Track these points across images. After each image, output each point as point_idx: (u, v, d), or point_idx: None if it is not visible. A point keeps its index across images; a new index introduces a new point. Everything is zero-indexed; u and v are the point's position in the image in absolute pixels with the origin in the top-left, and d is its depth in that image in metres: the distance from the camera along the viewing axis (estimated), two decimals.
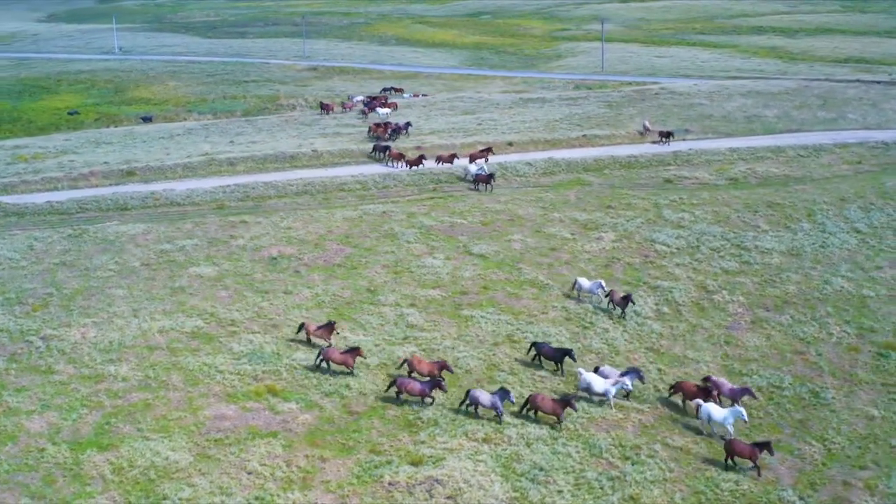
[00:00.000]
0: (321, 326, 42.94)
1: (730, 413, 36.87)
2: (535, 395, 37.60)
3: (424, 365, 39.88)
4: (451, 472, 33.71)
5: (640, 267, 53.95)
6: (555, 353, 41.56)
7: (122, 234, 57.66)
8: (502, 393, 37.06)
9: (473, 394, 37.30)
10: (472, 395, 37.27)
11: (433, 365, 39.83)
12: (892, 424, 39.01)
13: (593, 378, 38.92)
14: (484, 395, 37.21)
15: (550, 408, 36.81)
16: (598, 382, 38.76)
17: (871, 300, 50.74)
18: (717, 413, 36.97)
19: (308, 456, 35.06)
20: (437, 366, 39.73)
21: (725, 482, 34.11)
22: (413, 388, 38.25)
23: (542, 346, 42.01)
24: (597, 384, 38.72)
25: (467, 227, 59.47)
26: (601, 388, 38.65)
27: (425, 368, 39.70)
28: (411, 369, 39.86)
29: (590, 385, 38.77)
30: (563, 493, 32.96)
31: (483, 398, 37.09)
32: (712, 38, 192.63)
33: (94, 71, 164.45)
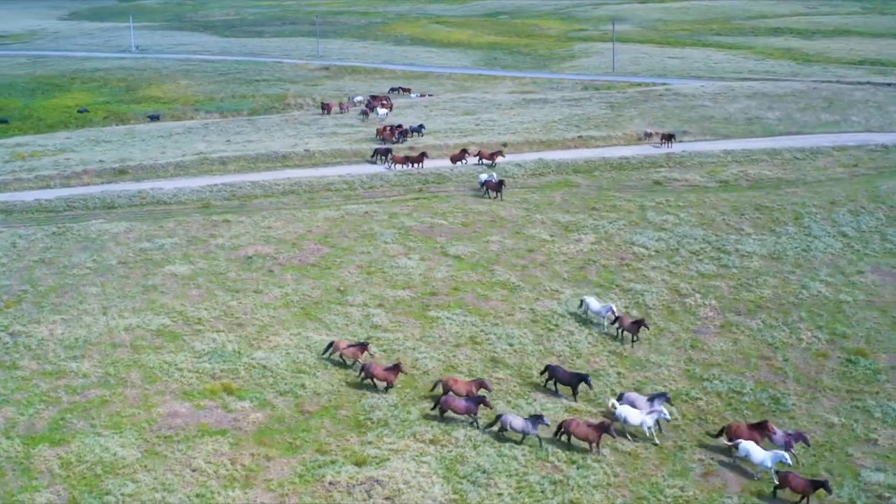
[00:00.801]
0: (353, 345, 41.47)
1: (771, 456, 34.28)
2: (570, 420, 35.79)
3: (461, 385, 38.25)
4: (392, 472, 33.73)
5: (616, 269, 53.66)
6: (570, 378, 39.39)
7: (105, 233, 58.22)
8: (535, 418, 35.47)
9: (505, 418, 35.62)
10: (504, 420, 35.60)
11: (470, 384, 38.31)
12: (850, 432, 38.46)
13: (629, 411, 36.69)
14: (516, 420, 35.56)
15: (584, 433, 35.12)
16: (634, 415, 36.61)
17: (848, 305, 50.11)
18: (757, 454, 34.53)
19: (254, 454, 35.21)
20: (474, 384, 38.26)
21: (670, 488, 33.82)
22: (458, 407, 36.85)
23: (557, 369, 39.81)
24: (632, 417, 36.57)
25: (447, 227, 59.45)
26: (637, 420, 36.59)
27: (462, 388, 38.03)
28: (446, 389, 38.15)
29: (626, 419, 36.56)
30: (503, 496, 32.86)
31: (515, 422, 35.47)
32: (728, 40, 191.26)
33: (108, 69, 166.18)
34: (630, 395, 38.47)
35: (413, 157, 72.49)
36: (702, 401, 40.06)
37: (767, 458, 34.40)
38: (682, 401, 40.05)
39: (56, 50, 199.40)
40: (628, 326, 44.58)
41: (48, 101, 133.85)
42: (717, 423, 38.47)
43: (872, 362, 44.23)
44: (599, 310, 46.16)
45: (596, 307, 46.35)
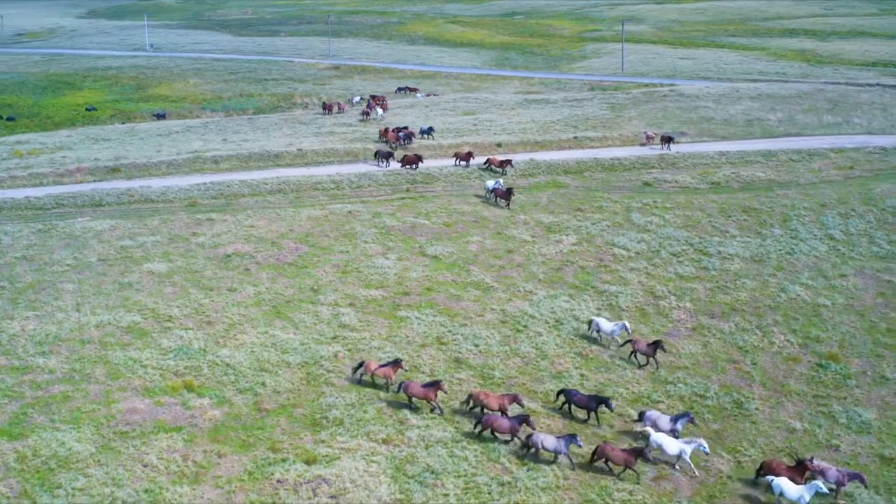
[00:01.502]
0: (385, 365, 39.94)
1: (806, 489, 32.61)
2: (605, 444, 34.55)
3: (493, 399, 36.90)
4: (340, 471, 33.81)
5: (593, 271, 53.43)
6: (588, 401, 37.46)
7: (89, 230, 58.71)
8: (568, 437, 34.45)
9: (536, 437, 34.58)
10: (535, 439, 34.55)
11: (503, 398, 36.99)
12: (812, 438, 38.07)
13: (665, 439, 34.86)
14: (548, 439, 34.45)
15: (621, 458, 33.82)
16: (671, 444, 34.67)
17: (825, 309, 49.63)
18: (791, 491, 32.79)
19: (206, 451, 35.40)
20: (507, 398, 36.98)
21: (619, 491, 33.63)
22: (502, 426, 35.61)
23: (573, 393, 37.91)
24: (670, 446, 34.63)
25: (429, 227, 59.45)
26: (674, 450, 34.70)
27: (494, 402, 36.77)
28: (476, 404, 37.09)
29: (662, 447, 34.74)
30: (449, 497, 32.82)
31: (547, 442, 34.37)
32: (742, 41, 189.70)
33: (121, 67, 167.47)
34: (651, 413, 36.84)
35: (409, 157, 72.08)
36: (663, 404, 39.79)
37: (804, 492, 32.60)
38: (643, 403, 39.78)
39: (71, 48, 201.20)
40: (643, 349, 42.07)
41: (58, 98, 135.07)
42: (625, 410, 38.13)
43: (843, 367, 43.78)
44: (612, 329, 43.88)
45: (607, 327, 44.02)
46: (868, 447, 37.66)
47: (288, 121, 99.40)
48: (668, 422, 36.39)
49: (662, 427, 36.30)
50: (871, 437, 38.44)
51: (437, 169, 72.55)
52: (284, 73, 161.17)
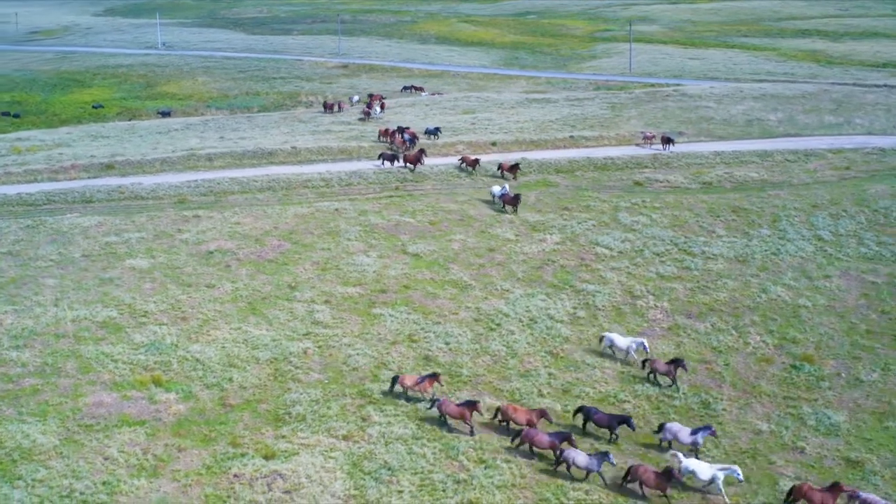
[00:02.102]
0: (422, 379, 38.68)
1: None
2: (638, 466, 33.58)
3: (521, 413, 36.20)
4: (297, 466, 33.99)
5: (573, 270, 53.30)
6: (609, 420, 36.29)
7: (76, 226, 59.18)
8: (601, 455, 33.70)
9: (568, 454, 33.81)
10: (567, 456, 33.81)
11: (531, 413, 36.26)
12: (778, 440, 37.82)
13: (698, 465, 33.68)
14: (580, 456, 33.76)
15: (654, 482, 32.89)
16: (704, 469, 33.54)
17: (805, 310, 49.27)
18: None
19: (167, 445, 35.67)
20: (535, 414, 36.20)
21: (575, 491, 33.55)
22: (541, 442, 34.86)
23: (593, 411, 36.66)
24: (703, 471, 33.48)
25: (413, 226, 59.49)
26: (707, 475, 33.49)
27: (522, 417, 36.05)
28: (504, 418, 36.39)
29: (695, 472, 33.57)
30: (403, 494, 32.89)
31: (579, 459, 33.66)
32: (754, 41, 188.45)
33: (131, 65, 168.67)
34: (672, 426, 35.94)
35: (410, 157, 71.49)
36: (629, 403, 39.67)
37: None
38: (610, 403, 39.69)
39: (85, 46, 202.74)
40: (663, 369, 40.51)
41: (66, 96, 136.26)
42: (641, 427, 38.05)
43: (817, 369, 43.48)
44: (627, 346, 42.19)
45: (622, 343, 42.29)
46: (834, 450, 37.39)
47: (287, 119, 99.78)
48: (689, 434, 35.59)
49: (683, 440, 35.52)
50: (839, 439, 38.16)
51: (429, 168, 72.55)
52: (292, 71, 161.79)
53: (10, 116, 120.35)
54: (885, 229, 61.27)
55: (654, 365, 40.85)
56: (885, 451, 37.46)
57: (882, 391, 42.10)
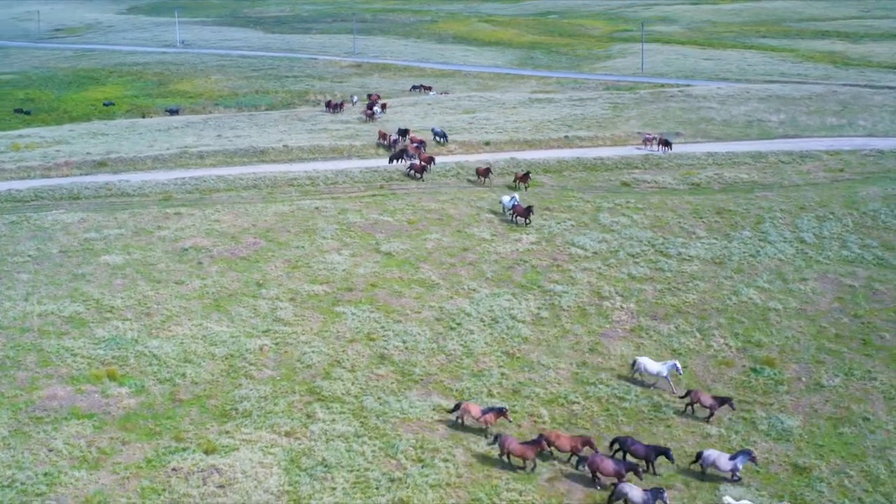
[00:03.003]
0: (487, 411, 36.81)
1: None
2: None
3: (564, 440, 34.99)
4: (234, 462, 34.28)
5: (543, 270, 53.13)
6: (647, 451, 34.90)
7: (58, 223, 59.95)
8: (655, 491, 32.58)
9: (622, 487, 32.54)
10: (621, 490, 32.58)
11: (575, 440, 34.96)
12: (725, 444, 37.48)
13: None
14: (636, 491, 32.60)
15: None
16: None
17: (775, 313, 48.80)
18: None
19: (112, 438, 36.12)
20: (579, 441, 34.96)
21: (509, 491, 33.52)
22: (607, 468, 33.76)
23: (629, 442, 35.18)
24: None
25: (391, 224, 59.61)
26: None
27: (566, 444, 34.88)
28: (549, 443, 34.92)
29: None
30: (336, 491, 33.05)
31: (634, 494, 32.45)
32: (773, 42, 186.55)
33: (147, 63, 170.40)
34: (710, 453, 34.79)
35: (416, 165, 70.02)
36: (578, 405, 39.52)
37: None
38: (559, 404, 39.61)
39: (105, 44, 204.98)
40: (707, 402, 38.20)
41: (79, 94, 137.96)
42: (587, 429, 37.91)
43: (778, 372, 43.10)
44: (659, 370, 40.40)
45: (654, 368, 40.40)
46: (783, 455, 37.05)
47: (288, 118, 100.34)
48: (727, 461, 34.74)
49: (722, 467, 34.55)
50: (790, 444, 37.80)
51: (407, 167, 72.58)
52: (305, 70, 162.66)
53: (23, 113, 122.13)
54: (871, 232, 60.52)
55: (699, 397, 38.39)
56: (836, 458, 37.05)
57: (842, 396, 41.63)
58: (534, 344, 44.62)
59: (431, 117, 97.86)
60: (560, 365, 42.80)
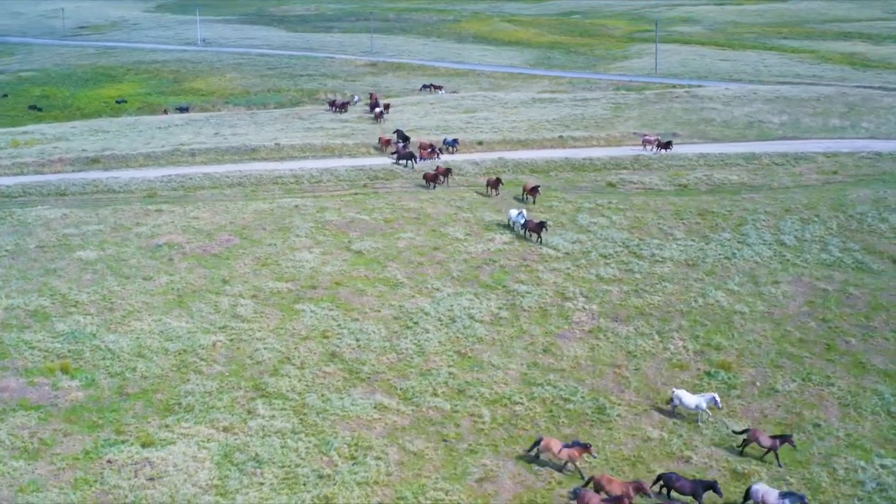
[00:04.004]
0: (569, 445, 35.12)
1: None
2: None
3: (616, 485, 33.39)
4: (168, 455, 34.70)
5: (511, 270, 53.02)
6: (693, 486, 33.57)
7: (40, 218, 60.88)
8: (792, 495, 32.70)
9: None
10: None
11: (626, 485, 33.40)
12: (665, 448, 37.20)
13: None
14: None
15: None
16: None
17: (740, 316, 48.33)
18: None
19: (55, 430, 36.70)
20: (632, 486, 33.38)
21: (435, 490, 33.55)
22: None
23: (675, 478, 33.96)
24: None
25: (367, 223, 59.82)
26: None
27: (617, 489, 33.25)
28: (598, 489, 33.51)
29: None
30: (263, 486, 33.32)
31: None
32: (794, 43, 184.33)
33: (165, 61, 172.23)
34: (760, 487, 33.78)
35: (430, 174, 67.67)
36: (521, 406, 39.42)
37: None
38: (502, 405, 39.52)
39: (127, 42, 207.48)
40: (766, 442, 36.50)
41: (93, 91, 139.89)
42: (528, 430, 37.83)
43: (732, 376, 42.71)
44: (697, 403, 38.48)
45: (691, 401, 38.44)
46: (723, 460, 36.74)
47: (288, 116, 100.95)
48: (777, 498, 33.70)
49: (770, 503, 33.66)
50: (732, 450, 37.39)
51: (402, 165, 72.75)
52: (320, 69, 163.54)
53: (36, 110, 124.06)
54: (855, 235, 59.73)
55: (756, 436, 36.40)
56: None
57: (795, 402, 41.19)
58: (488, 344, 44.56)
59: (431, 116, 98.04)
60: (510, 365, 42.70)
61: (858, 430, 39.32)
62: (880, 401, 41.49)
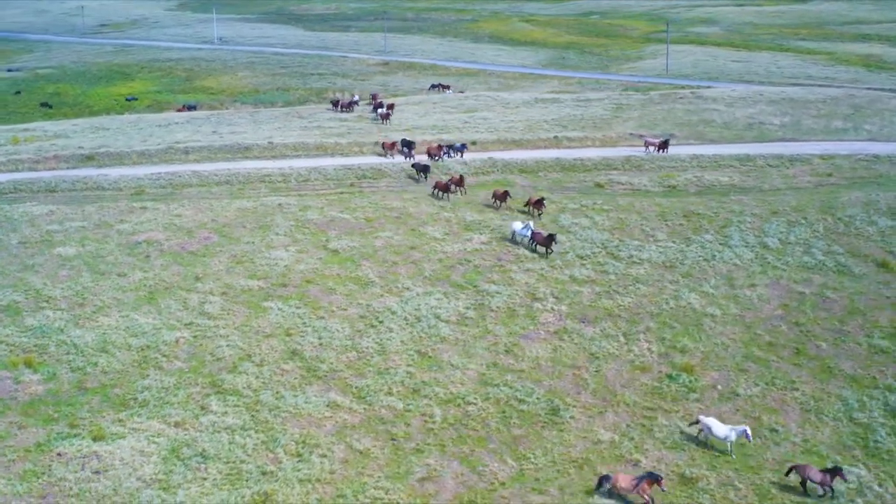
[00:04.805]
0: (639, 480, 33.32)
1: None
2: None
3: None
4: (116, 449, 35.12)
5: (485, 270, 52.98)
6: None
7: (27, 214, 61.61)
8: None
9: None
10: None
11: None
12: (614, 451, 37.07)
13: None
14: None
15: None
16: None
17: (710, 318, 48.03)
18: None
19: (11, 423, 37.28)
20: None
21: (375, 489, 33.72)
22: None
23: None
24: None
25: (348, 222, 59.99)
26: None
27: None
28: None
29: None
30: (206, 481, 33.63)
31: None
32: (811, 45, 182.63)
33: (179, 59, 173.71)
34: None
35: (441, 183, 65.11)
36: (474, 406, 39.46)
37: None
38: (455, 405, 39.59)
39: (146, 40, 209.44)
40: (816, 478, 34.63)
41: (105, 88, 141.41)
42: (477, 430, 37.82)
43: (694, 379, 42.49)
44: (726, 435, 36.87)
45: (721, 432, 36.92)
46: (673, 465, 36.55)
47: (289, 115, 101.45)
48: None
49: None
50: (683, 454, 37.27)
51: (390, 164, 72.95)
52: (331, 68, 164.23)
53: (46, 107, 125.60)
54: (840, 238, 59.06)
55: (807, 473, 34.86)
56: (728, 469, 36.48)
57: (755, 406, 40.92)
58: (450, 344, 44.59)
59: (430, 116, 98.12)
60: (470, 365, 42.71)
61: (817, 437, 39.00)
62: (844, 406, 41.11)
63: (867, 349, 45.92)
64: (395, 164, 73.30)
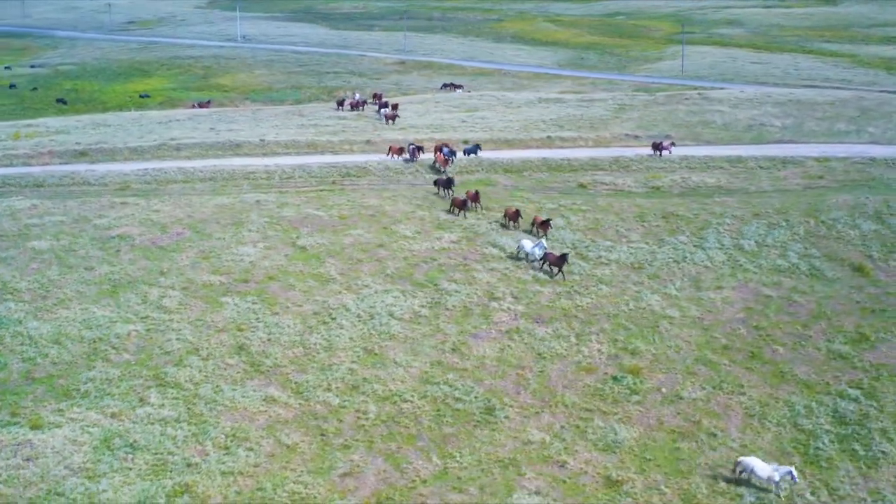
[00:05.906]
0: None
1: None
2: None
3: None
4: (50, 438, 35.79)
5: (448, 269, 53.07)
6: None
7: (9, 209, 62.77)
8: None
9: None
10: None
11: None
12: (543, 451, 36.91)
13: None
14: None
15: None
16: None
17: (668, 321, 47.74)
18: None
19: None
20: None
21: (295, 483, 34.02)
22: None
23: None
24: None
25: (321, 220, 60.36)
26: None
27: None
28: None
29: None
30: (131, 471, 34.19)
31: None
32: (834, 47, 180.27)
33: (200, 57, 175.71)
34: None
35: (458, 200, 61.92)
36: (409, 404, 39.59)
37: None
38: (391, 402, 39.72)
39: (171, 37, 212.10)
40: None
41: (121, 85, 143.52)
42: (409, 426, 37.97)
43: (639, 382, 42.28)
44: (769, 475, 34.96)
45: (764, 473, 34.99)
46: (601, 466, 36.38)
47: (289, 113, 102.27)
48: None
49: None
50: (613, 456, 37.08)
51: (376, 162, 73.30)
52: (348, 66, 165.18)
53: (62, 103, 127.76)
54: (819, 241, 58.37)
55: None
56: (658, 473, 36.21)
57: (697, 410, 40.60)
58: (399, 341, 44.75)
59: (430, 114, 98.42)
60: (414, 363, 42.83)
61: (756, 442, 38.62)
62: (790, 412, 40.68)
63: (826, 354, 45.34)
64: (379, 161, 73.59)
